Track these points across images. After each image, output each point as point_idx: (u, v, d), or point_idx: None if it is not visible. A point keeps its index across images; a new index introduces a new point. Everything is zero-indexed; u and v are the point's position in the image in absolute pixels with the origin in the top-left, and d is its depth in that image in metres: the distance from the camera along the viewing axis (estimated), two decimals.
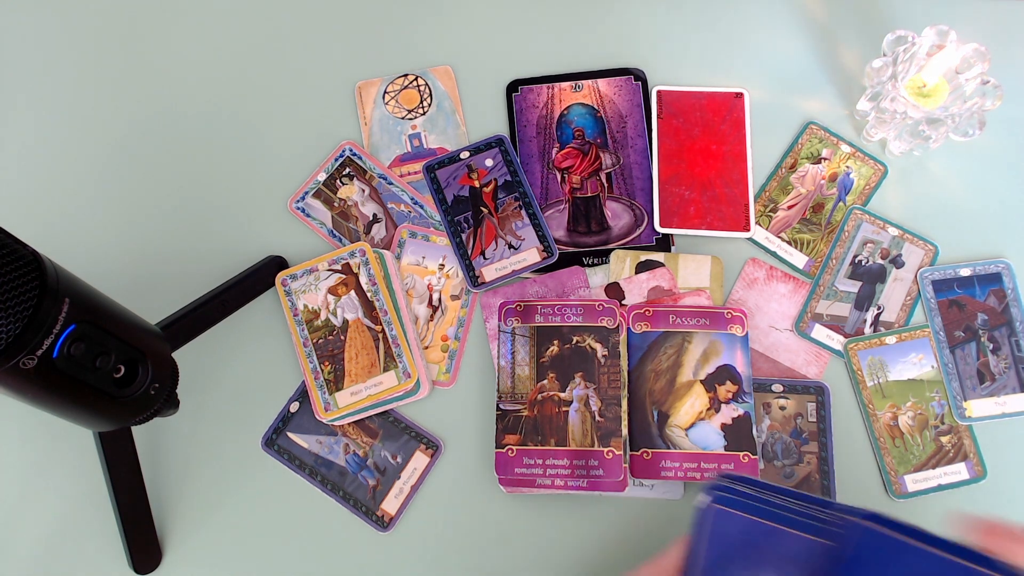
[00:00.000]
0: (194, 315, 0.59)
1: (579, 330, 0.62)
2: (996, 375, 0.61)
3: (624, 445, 0.59)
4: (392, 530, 0.60)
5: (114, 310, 0.48)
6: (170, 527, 0.61)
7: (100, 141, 0.69)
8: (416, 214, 0.66)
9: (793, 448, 0.60)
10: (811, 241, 0.65)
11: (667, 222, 0.65)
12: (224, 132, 0.69)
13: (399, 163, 0.68)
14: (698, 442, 0.59)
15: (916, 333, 0.62)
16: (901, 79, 0.62)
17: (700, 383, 0.60)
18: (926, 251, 0.64)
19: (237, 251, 0.66)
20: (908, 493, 0.59)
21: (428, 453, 0.61)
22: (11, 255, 0.40)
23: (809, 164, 0.67)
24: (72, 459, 0.62)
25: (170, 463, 0.62)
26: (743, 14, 0.71)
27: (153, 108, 0.70)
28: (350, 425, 0.62)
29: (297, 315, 0.63)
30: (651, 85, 0.69)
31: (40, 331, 0.41)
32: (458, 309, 0.64)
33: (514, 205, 0.66)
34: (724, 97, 0.68)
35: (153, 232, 0.67)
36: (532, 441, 0.59)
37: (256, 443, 0.62)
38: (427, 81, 0.70)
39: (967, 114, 0.61)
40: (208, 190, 0.68)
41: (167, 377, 0.52)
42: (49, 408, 0.46)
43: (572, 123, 0.69)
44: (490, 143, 0.67)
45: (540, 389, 0.61)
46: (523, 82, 0.69)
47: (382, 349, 0.62)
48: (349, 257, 0.64)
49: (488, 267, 0.64)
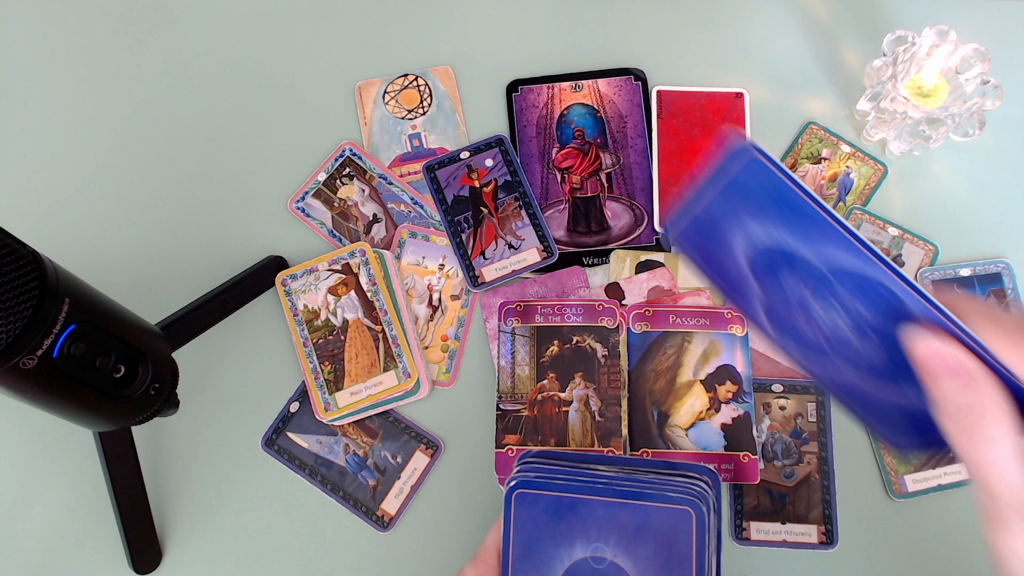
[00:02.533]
0: (194, 315, 0.59)
1: (579, 330, 0.62)
2: None
3: (624, 445, 0.59)
4: (392, 530, 0.60)
5: (114, 310, 0.48)
6: (170, 527, 0.61)
7: (100, 141, 0.69)
8: (416, 214, 0.66)
9: (793, 448, 0.60)
10: None
11: (667, 222, 0.65)
12: (224, 132, 0.69)
13: (399, 163, 0.68)
14: (698, 442, 0.59)
15: None
16: (901, 79, 0.62)
17: (700, 383, 0.60)
18: (926, 251, 0.64)
19: (237, 251, 0.66)
20: (908, 493, 0.59)
21: (428, 453, 0.61)
22: (11, 255, 0.40)
23: (809, 164, 0.67)
24: (72, 459, 0.62)
25: (170, 463, 0.62)
26: (743, 14, 0.71)
27: (153, 108, 0.70)
28: (350, 425, 0.62)
29: (297, 315, 0.63)
30: (651, 85, 0.69)
31: (40, 331, 0.41)
32: (458, 309, 0.64)
33: (514, 205, 0.66)
34: (724, 97, 0.68)
35: (153, 232, 0.67)
36: (532, 441, 0.59)
37: (256, 443, 0.62)
38: (427, 81, 0.70)
39: (967, 114, 0.61)
40: (208, 190, 0.68)
41: (167, 377, 0.52)
42: (49, 408, 0.46)
43: (572, 123, 0.69)
44: (490, 143, 0.67)
45: (540, 389, 0.61)
46: (523, 82, 0.69)
47: (382, 349, 0.62)
48: (349, 257, 0.64)
49: (488, 267, 0.64)
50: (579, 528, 0.46)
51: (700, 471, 0.49)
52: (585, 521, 0.46)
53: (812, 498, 0.59)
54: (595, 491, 0.46)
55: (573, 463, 0.50)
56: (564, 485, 0.47)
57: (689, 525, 0.45)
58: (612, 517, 0.46)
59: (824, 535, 0.58)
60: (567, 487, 0.46)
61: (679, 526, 0.45)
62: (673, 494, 0.45)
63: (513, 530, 0.46)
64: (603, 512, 0.46)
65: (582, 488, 0.46)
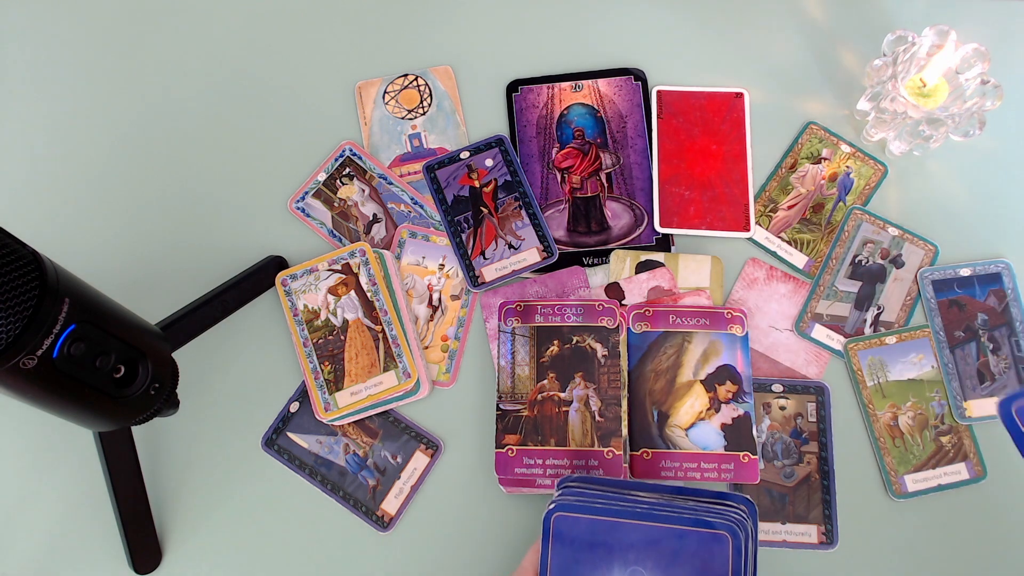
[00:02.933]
0: (194, 315, 0.59)
1: (579, 330, 0.62)
2: (996, 375, 0.61)
3: (624, 445, 0.59)
4: (392, 530, 0.60)
5: (114, 310, 0.48)
6: (170, 527, 0.61)
7: (100, 141, 0.69)
8: (416, 214, 0.66)
9: (793, 448, 0.60)
10: (811, 241, 0.65)
11: (667, 222, 0.65)
12: (224, 132, 0.69)
13: (399, 163, 0.68)
14: (698, 442, 0.59)
15: (916, 333, 0.62)
16: (901, 79, 0.62)
17: (700, 383, 0.60)
18: (926, 251, 0.64)
19: (237, 251, 0.66)
20: (908, 493, 0.59)
21: (428, 453, 0.61)
22: (11, 255, 0.40)
23: (809, 164, 0.67)
24: (72, 459, 0.62)
25: (170, 463, 0.62)
26: (743, 14, 0.71)
27: (153, 108, 0.70)
28: (350, 425, 0.62)
29: (297, 315, 0.63)
30: (651, 85, 0.69)
31: (40, 331, 0.41)
32: (458, 309, 0.64)
33: (514, 205, 0.66)
34: (724, 97, 0.68)
35: (153, 232, 0.67)
36: (532, 441, 0.59)
37: (256, 443, 0.62)
38: (427, 81, 0.70)
39: (967, 114, 0.61)
40: (208, 190, 0.68)
41: (167, 377, 0.52)
42: (49, 408, 0.46)
43: (572, 123, 0.69)
44: (490, 143, 0.67)
45: (540, 389, 0.61)
46: (523, 82, 0.69)
47: (382, 349, 0.62)
48: (349, 257, 0.64)
49: (488, 267, 0.64)
50: (617, 551, 0.46)
51: (738, 500, 0.49)
52: (623, 544, 0.46)
53: (812, 498, 0.59)
54: (634, 515, 0.47)
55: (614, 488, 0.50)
56: (603, 509, 0.47)
57: (726, 551, 0.45)
58: (650, 541, 0.46)
59: (824, 535, 0.58)
60: (606, 511, 0.47)
61: (716, 551, 0.45)
62: (712, 520, 0.46)
63: (551, 553, 0.47)
64: (641, 536, 0.46)
65: (621, 512, 0.47)
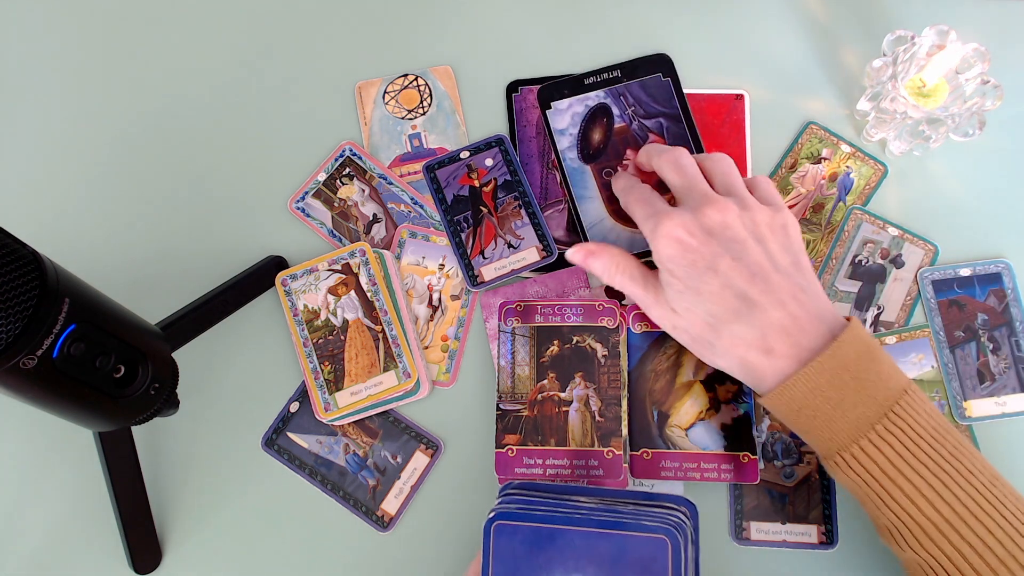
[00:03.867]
0: (194, 315, 0.59)
1: (579, 330, 0.62)
2: (996, 375, 0.61)
3: (624, 445, 0.59)
4: (392, 530, 0.60)
5: (114, 310, 0.48)
6: (170, 527, 0.61)
7: (100, 141, 0.69)
8: (416, 214, 0.66)
9: (793, 448, 0.60)
10: (811, 241, 0.65)
11: None
12: (224, 132, 0.69)
13: (399, 163, 0.68)
14: (698, 442, 0.59)
15: (916, 333, 0.62)
16: (901, 79, 0.62)
17: (700, 383, 0.60)
18: (926, 251, 0.64)
19: (237, 251, 0.66)
20: None
21: (428, 453, 0.61)
22: (11, 255, 0.40)
23: (809, 164, 0.67)
24: (72, 459, 0.62)
25: (170, 463, 0.62)
26: (743, 14, 0.71)
27: (153, 108, 0.70)
28: (350, 425, 0.62)
29: (297, 315, 0.63)
30: None
31: (40, 331, 0.41)
32: (458, 309, 0.64)
33: (514, 205, 0.66)
34: (724, 98, 0.68)
35: (153, 232, 0.67)
36: (532, 441, 0.59)
37: (256, 443, 0.62)
38: (427, 81, 0.70)
39: (967, 114, 0.61)
40: (208, 190, 0.68)
41: (167, 377, 0.52)
42: (49, 408, 0.46)
43: None
44: (490, 143, 0.67)
45: (540, 389, 0.61)
46: (523, 82, 0.69)
47: (382, 349, 0.62)
48: (349, 257, 0.64)
49: (487, 266, 0.64)
50: (558, 558, 0.46)
51: (678, 502, 0.50)
52: (564, 551, 0.46)
53: (812, 498, 0.59)
54: (573, 521, 0.47)
55: (554, 495, 0.51)
56: (543, 516, 0.47)
57: (665, 554, 0.45)
58: (590, 547, 0.46)
59: (824, 535, 0.58)
60: (546, 518, 0.47)
61: (656, 555, 0.45)
62: (650, 523, 0.46)
63: (492, 562, 0.47)
64: (581, 542, 0.46)
65: (561, 519, 0.47)
